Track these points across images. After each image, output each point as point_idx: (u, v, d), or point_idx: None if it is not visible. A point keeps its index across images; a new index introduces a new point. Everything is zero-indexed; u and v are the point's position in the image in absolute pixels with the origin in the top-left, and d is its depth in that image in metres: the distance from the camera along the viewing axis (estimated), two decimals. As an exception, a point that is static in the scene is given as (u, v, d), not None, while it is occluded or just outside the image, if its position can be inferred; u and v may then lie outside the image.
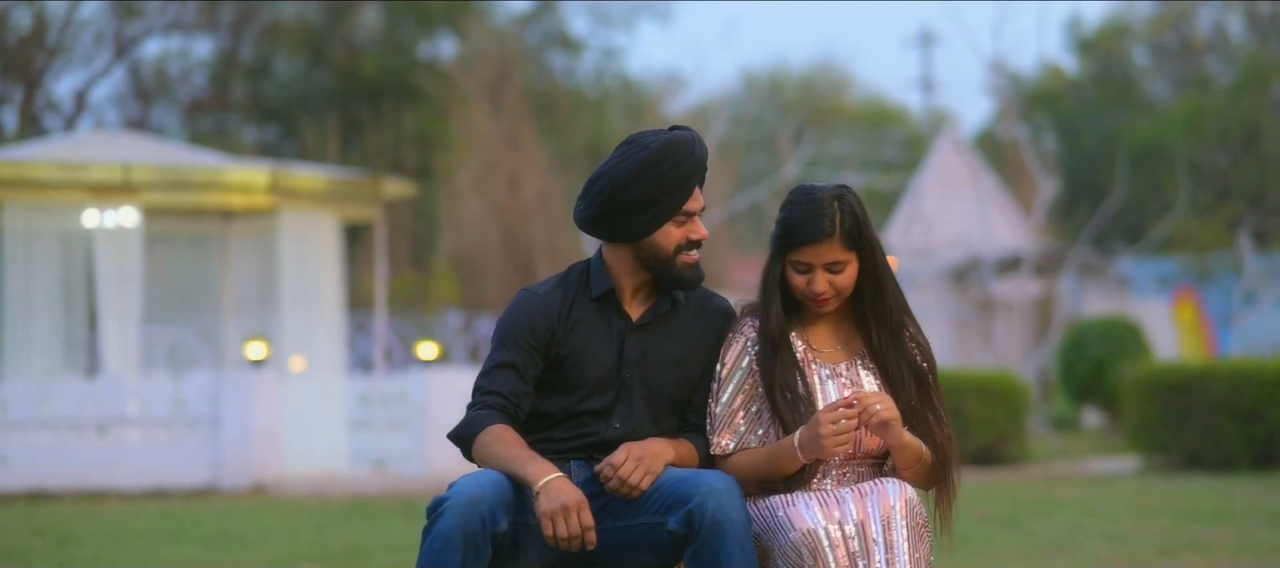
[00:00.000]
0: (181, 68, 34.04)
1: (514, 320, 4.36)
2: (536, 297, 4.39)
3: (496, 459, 4.20)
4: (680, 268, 4.33)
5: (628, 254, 4.35)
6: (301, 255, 16.40)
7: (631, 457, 4.18)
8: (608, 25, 35.87)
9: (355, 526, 10.89)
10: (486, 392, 4.32)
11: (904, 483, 4.23)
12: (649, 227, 4.29)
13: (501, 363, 4.33)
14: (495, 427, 4.26)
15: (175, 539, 10.16)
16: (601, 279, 4.38)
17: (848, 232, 4.28)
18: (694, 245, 4.34)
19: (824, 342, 4.38)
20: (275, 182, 15.95)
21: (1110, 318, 20.99)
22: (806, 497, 4.18)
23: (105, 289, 15.58)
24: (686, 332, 4.39)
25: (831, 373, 4.33)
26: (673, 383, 4.36)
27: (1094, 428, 21.82)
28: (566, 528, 4.07)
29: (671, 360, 4.36)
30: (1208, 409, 15.09)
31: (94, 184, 15.44)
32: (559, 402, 4.35)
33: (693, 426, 4.39)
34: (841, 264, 4.29)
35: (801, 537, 4.09)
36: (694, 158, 4.30)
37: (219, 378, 14.59)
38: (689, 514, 4.06)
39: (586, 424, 4.34)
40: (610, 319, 4.37)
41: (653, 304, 4.39)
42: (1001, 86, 30.51)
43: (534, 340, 4.33)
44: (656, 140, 4.29)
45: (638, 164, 4.26)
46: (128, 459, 14.27)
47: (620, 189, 4.26)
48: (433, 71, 31.93)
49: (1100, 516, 10.68)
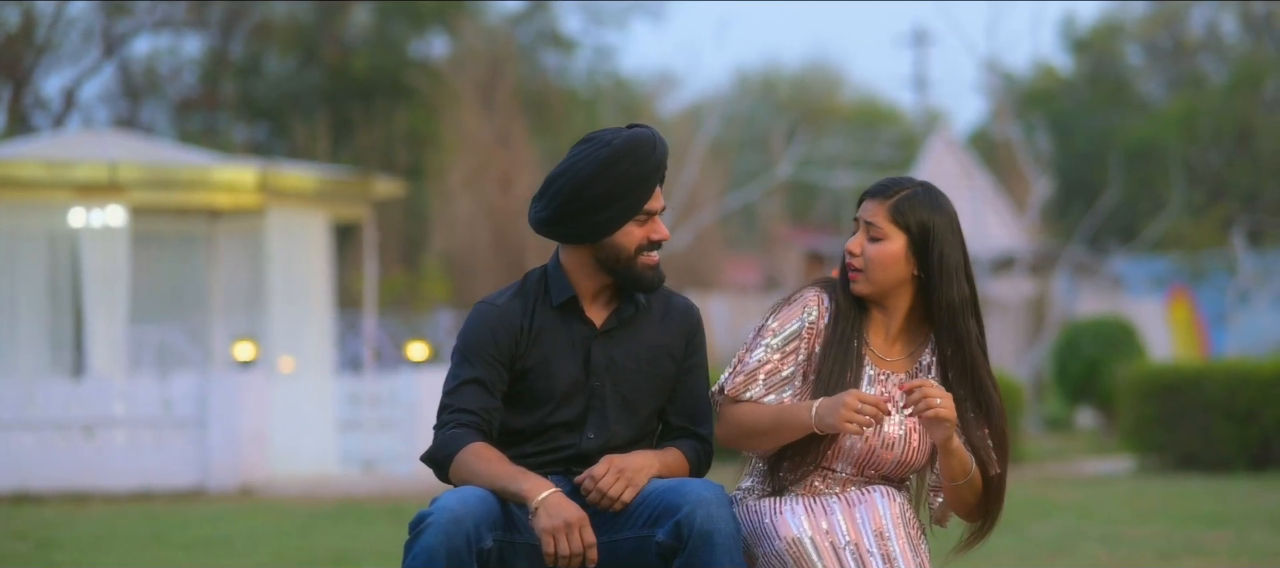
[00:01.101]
0: (171, 66, 33.91)
1: (475, 334, 4.21)
2: (495, 308, 4.24)
3: (482, 478, 4.07)
4: (641, 269, 4.19)
5: (587, 257, 4.21)
6: (290, 255, 16.29)
7: (613, 469, 4.06)
8: (600, 24, 35.79)
9: (343, 529, 10.78)
10: (455, 410, 4.18)
11: (892, 490, 4.10)
12: (610, 225, 4.15)
13: (467, 379, 4.18)
14: (473, 445, 4.13)
15: (159, 543, 10.04)
16: (561, 286, 4.24)
17: (903, 209, 4.12)
18: (655, 246, 4.20)
19: (879, 344, 4.22)
20: (263, 181, 15.83)
21: (1104, 318, 20.91)
22: (794, 504, 4.08)
23: (91, 289, 15.46)
24: (652, 334, 4.26)
25: (875, 377, 4.19)
26: (645, 387, 4.23)
27: (1088, 428, 21.74)
28: (568, 545, 3.95)
29: (641, 364, 4.23)
30: (1203, 410, 15.01)
31: (80, 183, 15.31)
32: (528, 416, 4.21)
33: (678, 430, 4.28)
34: (881, 234, 4.13)
35: (786, 546, 3.99)
36: (655, 155, 4.17)
37: (206, 379, 14.48)
38: (677, 525, 3.94)
39: (559, 437, 4.21)
40: (573, 327, 4.23)
41: (615, 308, 4.25)
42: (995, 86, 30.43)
43: (497, 353, 4.19)
44: (617, 137, 4.16)
45: (599, 161, 4.12)
46: (114, 461, 14.14)
47: (581, 186, 4.12)
48: (424, 70, 31.83)
49: (1097, 518, 10.58)
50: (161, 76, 33.70)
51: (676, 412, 4.27)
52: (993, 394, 4.19)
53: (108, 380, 14.71)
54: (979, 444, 4.15)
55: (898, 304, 4.20)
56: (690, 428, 4.28)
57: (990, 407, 4.18)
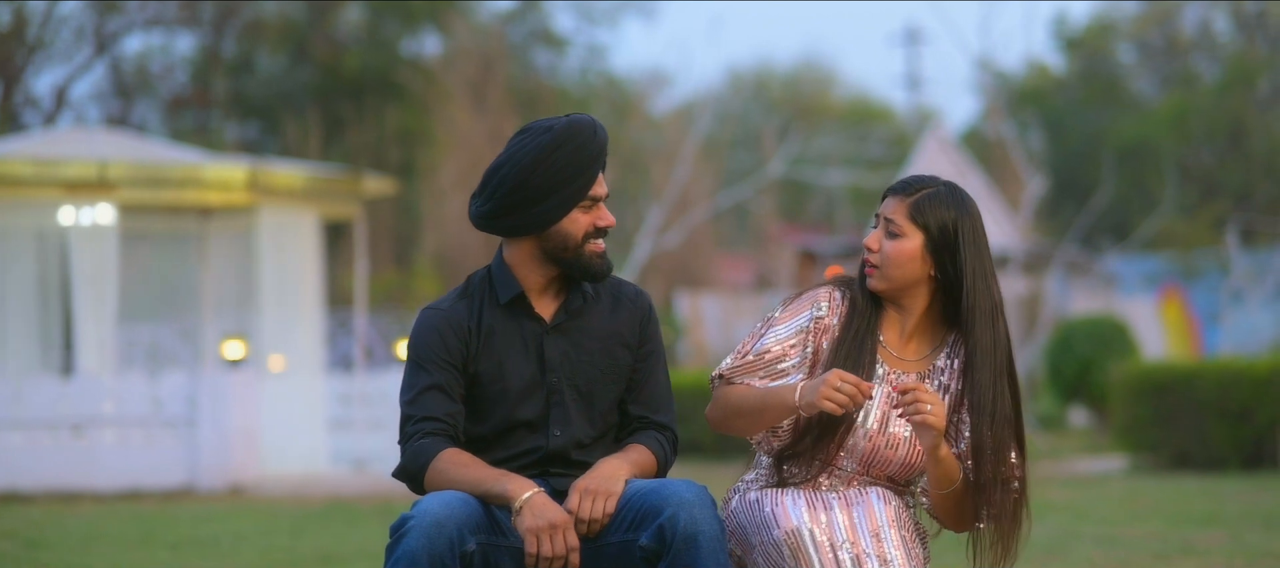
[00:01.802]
0: (163, 64, 33.85)
1: (425, 341, 4.14)
2: (440, 312, 4.16)
3: (461, 483, 4.01)
4: (589, 257, 4.12)
5: (532, 250, 4.14)
6: (281, 253, 16.23)
7: (582, 494, 3.98)
8: (592, 22, 35.73)
9: (332, 529, 10.71)
10: (421, 419, 4.10)
11: (889, 492, 4.07)
12: (556, 213, 4.08)
13: (425, 387, 4.11)
14: (447, 452, 4.07)
15: (148, 543, 9.98)
16: (508, 283, 4.16)
17: (923, 207, 4.07)
18: (601, 233, 4.14)
19: (893, 342, 4.17)
20: (254, 179, 15.76)
21: (1098, 317, 20.88)
22: (794, 495, 4.03)
23: (81, 288, 15.39)
24: (604, 324, 4.19)
25: (886, 375, 4.14)
26: (602, 379, 4.16)
27: (1081, 427, 21.71)
28: (551, 547, 3.90)
29: (595, 355, 4.16)
30: (1196, 409, 14.98)
31: (69, 181, 15.23)
32: (488, 420, 4.14)
33: (638, 420, 4.20)
34: (899, 230, 4.08)
35: (785, 536, 3.94)
36: (596, 140, 4.11)
37: (196, 378, 14.42)
38: (660, 529, 3.88)
39: (524, 439, 4.13)
40: (523, 324, 4.16)
41: (564, 301, 4.18)
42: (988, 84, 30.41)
43: (450, 357, 4.12)
44: (557, 123, 4.10)
45: (541, 147, 4.06)
46: (103, 460, 14.08)
47: (526, 174, 4.05)
48: (416, 68, 31.76)
49: (1091, 518, 10.53)
50: (153, 75, 33.64)
51: (636, 401, 4.20)
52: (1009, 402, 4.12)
53: (97, 379, 14.65)
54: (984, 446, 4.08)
55: (914, 303, 4.15)
56: (650, 417, 4.20)
57: (1005, 415, 4.11)
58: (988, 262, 4.10)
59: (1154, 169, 32.12)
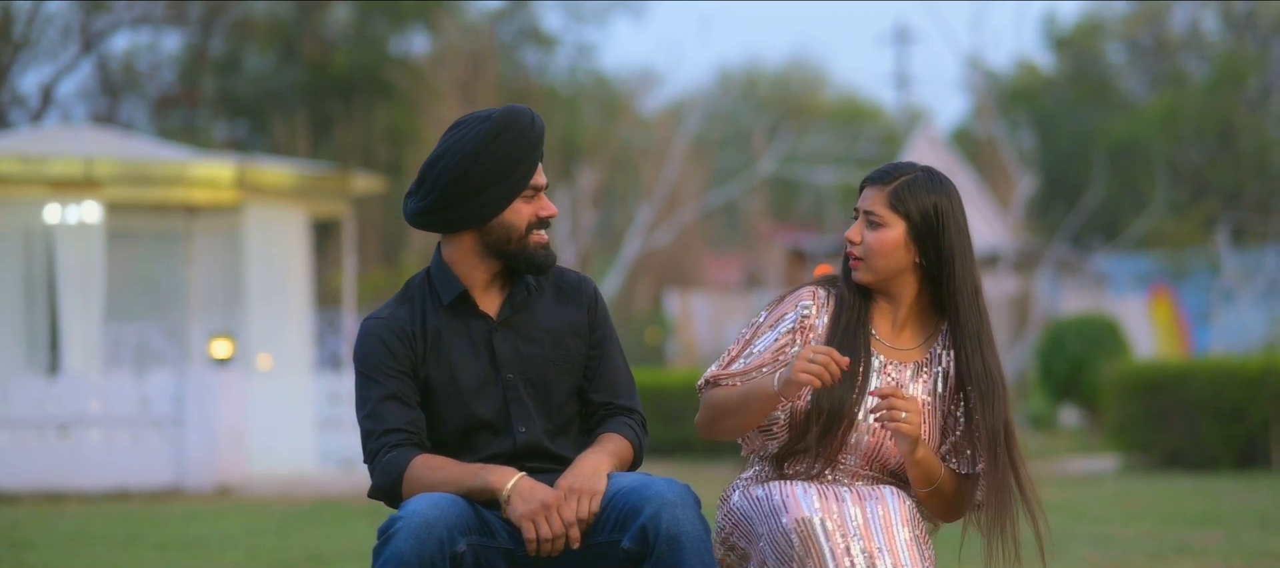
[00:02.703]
0: (150, 63, 33.72)
1: (371, 351, 4.04)
2: (381, 321, 4.07)
3: (441, 486, 3.91)
4: (534, 248, 4.04)
5: (473, 245, 4.05)
6: (268, 251, 16.15)
7: (570, 493, 3.88)
8: (581, 21, 35.66)
9: (320, 529, 10.63)
10: (383, 432, 4.00)
11: (902, 492, 4.02)
12: (498, 204, 3.99)
13: (382, 398, 4.01)
14: (418, 459, 3.97)
15: (133, 543, 9.89)
16: (449, 283, 4.07)
17: (902, 196, 4.04)
18: (544, 224, 4.06)
19: (885, 333, 4.13)
20: (241, 177, 15.68)
21: (1089, 316, 20.83)
22: (805, 485, 3.96)
23: (67, 286, 15.30)
24: (552, 315, 4.11)
25: (883, 366, 4.09)
26: (556, 371, 4.07)
27: (1072, 427, 21.67)
28: (549, 527, 3.81)
29: (547, 348, 4.08)
30: (1188, 408, 14.94)
31: (55, 179, 15.14)
32: (446, 424, 4.05)
33: (603, 407, 4.11)
34: (880, 221, 4.04)
35: (795, 524, 3.85)
36: (535, 129, 4.03)
37: (183, 377, 14.33)
38: (643, 530, 3.79)
39: (488, 442, 4.04)
40: (470, 323, 4.06)
41: (507, 295, 4.09)
42: (978, 83, 30.36)
43: (399, 365, 4.02)
44: (494, 114, 4.02)
45: (480, 137, 3.97)
46: (89, 460, 13.99)
47: (466, 164, 3.97)
48: (404, 67, 31.68)
49: (1086, 518, 10.46)
50: (140, 73, 33.51)
51: (598, 389, 4.12)
52: (997, 385, 4.10)
53: (83, 378, 14.56)
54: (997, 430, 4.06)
55: (902, 292, 4.11)
56: (615, 403, 4.12)
57: (994, 398, 4.08)
58: (968, 244, 4.08)
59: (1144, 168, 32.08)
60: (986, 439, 4.06)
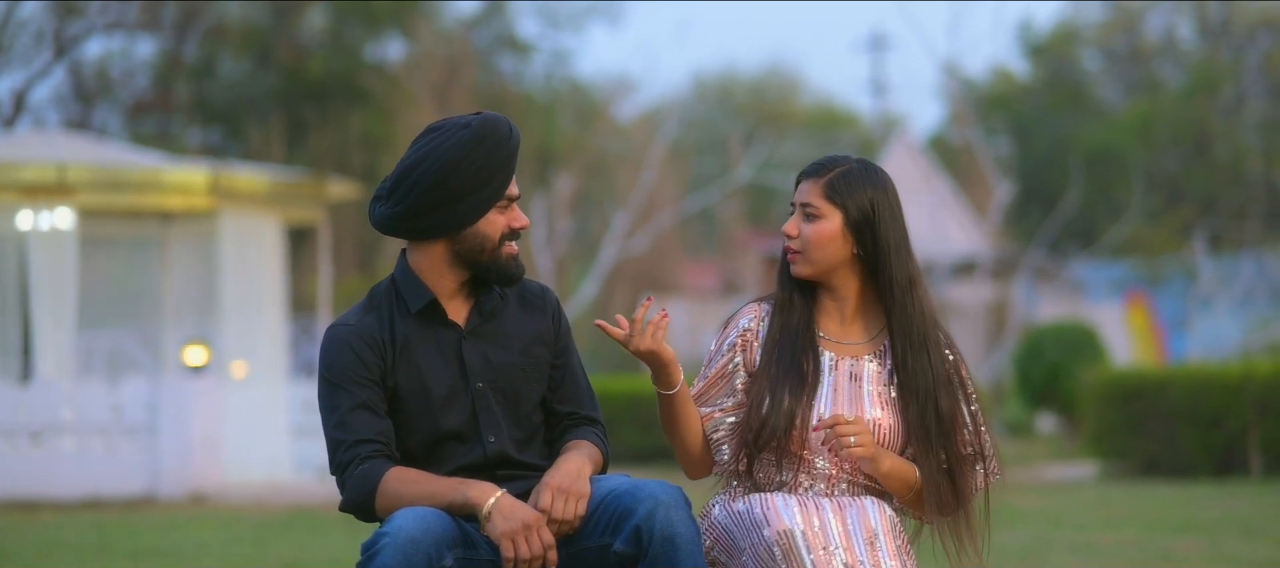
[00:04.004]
0: (124, 68, 33.56)
1: (339, 360, 3.95)
2: (350, 328, 3.98)
3: (418, 501, 3.83)
4: (505, 260, 3.98)
5: (443, 254, 3.98)
6: (243, 258, 16.07)
7: (557, 493, 3.83)
8: (557, 28, 35.58)
9: (295, 538, 10.55)
10: (354, 443, 3.91)
11: (882, 502, 3.98)
12: (474, 213, 3.93)
13: (352, 407, 3.92)
14: (392, 471, 3.89)
15: (108, 552, 9.81)
16: (417, 291, 3.99)
17: (837, 187, 4.04)
18: (515, 235, 4.01)
19: (834, 329, 4.11)
20: (215, 183, 15.59)
21: (1067, 323, 20.83)
22: (786, 497, 3.93)
23: (39, 293, 15.20)
24: (518, 324, 4.05)
25: (835, 362, 4.07)
26: (524, 380, 4.02)
27: (1049, 434, 21.66)
28: (527, 548, 3.74)
29: (516, 357, 4.02)
30: (1167, 416, 14.94)
31: (27, 185, 15.03)
32: (414, 435, 3.97)
33: (567, 417, 4.07)
34: (817, 212, 4.04)
35: (777, 536, 3.83)
36: (513, 138, 3.98)
37: (157, 384, 14.24)
38: (636, 531, 3.74)
39: (455, 453, 3.97)
40: (438, 331, 3.99)
41: (475, 305, 4.03)
42: (954, 89, 30.37)
43: (368, 374, 3.94)
44: (473, 120, 3.95)
45: (461, 143, 3.90)
46: (62, 468, 13.89)
47: (446, 172, 3.89)
48: (379, 73, 31.58)
49: (1066, 526, 10.43)
50: (114, 79, 33.35)
51: (562, 399, 4.08)
52: (960, 358, 4.12)
53: (56, 386, 14.46)
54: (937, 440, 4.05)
55: (846, 286, 4.11)
56: (580, 413, 4.09)
57: (957, 389, 4.08)
58: (905, 235, 4.07)
59: (1120, 175, 32.14)
60: (916, 435, 4.05)
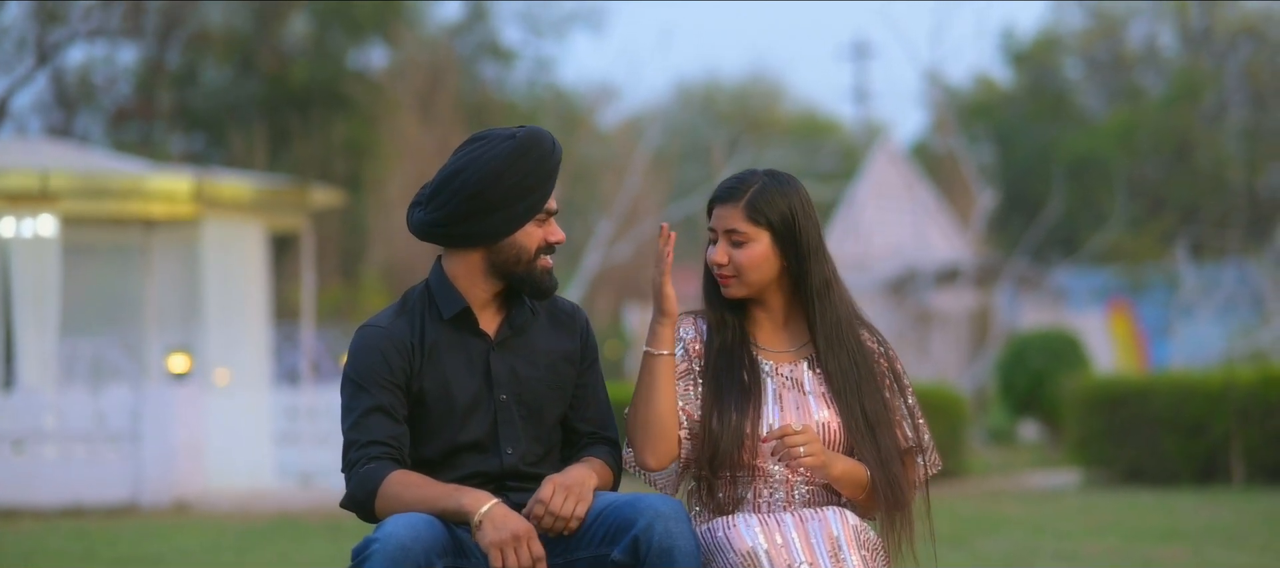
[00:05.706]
0: (106, 75, 33.49)
1: (366, 361, 3.98)
2: (381, 330, 4.00)
3: (415, 504, 3.85)
4: (540, 273, 4.01)
5: (478, 263, 4.00)
6: (226, 265, 16.04)
7: (558, 487, 3.85)
8: (539, 35, 35.57)
9: (278, 545, 10.52)
10: (364, 445, 3.94)
11: (845, 511, 3.99)
12: (513, 224, 3.95)
13: (368, 409, 3.95)
14: (395, 474, 3.91)
15: (90, 560, 9.78)
16: (451, 298, 4.01)
17: (758, 207, 4.07)
18: (551, 249, 4.03)
19: (769, 338, 4.16)
20: (199, 190, 15.56)
21: (1050, 331, 20.85)
22: (747, 518, 3.94)
23: (21, 300, 15.16)
24: (547, 340, 4.08)
25: (775, 370, 4.11)
26: (549, 396, 4.05)
27: (1031, 441, 21.69)
28: (516, 560, 3.75)
29: (542, 372, 4.05)
30: (1149, 423, 14.96)
31: (10, 192, 14.99)
32: (433, 441, 3.99)
33: (587, 436, 4.10)
34: (744, 237, 4.08)
35: (741, 559, 3.85)
36: (556, 152, 4.01)
37: (140, 392, 14.21)
38: (635, 542, 3.75)
39: (472, 461, 3.98)
40: (468, 340, 4.01)
41: (506, 317, 4.05)
42: (937, 97, 30.40)
43: (392, 378, 3.96)
44: (518, 132, 3.98)
45: (504, 154, 3.92)
46: (44, 476, 13.85)
47: (488, 181, 3.91)
48: (363, 80, 31.55)
49: (1049, 533, 10.43)
50: (96, 86, 33.28)
51: (583, 418, 4.11)
52: (886, 349, 4.16)
53: (38, 393, 14.42)
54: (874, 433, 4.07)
55: (774, 297, 4.16)
56: (600, 433, 4.12)
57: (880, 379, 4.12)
58: (820, 237, 4.13)
59: (1102, 183, 32.19)
60: (852, 433, 4.06)
